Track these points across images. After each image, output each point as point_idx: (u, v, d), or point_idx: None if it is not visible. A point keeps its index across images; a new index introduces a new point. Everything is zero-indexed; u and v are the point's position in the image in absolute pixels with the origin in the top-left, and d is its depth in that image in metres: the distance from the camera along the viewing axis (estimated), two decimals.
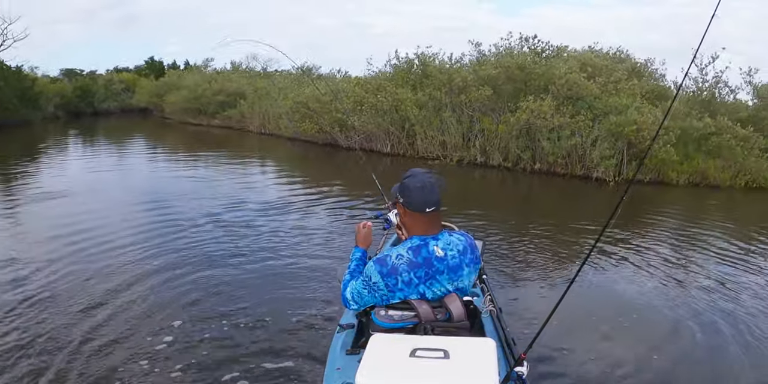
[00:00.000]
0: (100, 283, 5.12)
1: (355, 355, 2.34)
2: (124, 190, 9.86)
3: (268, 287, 5.21)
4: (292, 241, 6.88)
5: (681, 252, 7.18)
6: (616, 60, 15.93)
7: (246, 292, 5.02)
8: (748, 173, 13.38)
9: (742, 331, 4.61)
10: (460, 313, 2.26)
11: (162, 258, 5.93)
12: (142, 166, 13.35)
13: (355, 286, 2.37)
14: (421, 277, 2.25)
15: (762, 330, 4.62)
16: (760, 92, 14.52)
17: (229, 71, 28.78)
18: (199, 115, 25.07)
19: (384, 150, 16.23)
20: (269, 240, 6.85)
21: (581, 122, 12.85)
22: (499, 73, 13.94)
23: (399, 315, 2.26)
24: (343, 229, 7.61)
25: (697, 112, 13.91)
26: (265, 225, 7.59)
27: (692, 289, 5.64)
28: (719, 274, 6.21)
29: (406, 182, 2.30)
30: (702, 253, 7.11)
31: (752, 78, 14.66)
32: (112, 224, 7.32)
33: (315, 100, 17.09)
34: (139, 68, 39.92)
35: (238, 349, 3.89)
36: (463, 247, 2.33)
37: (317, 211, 8.63)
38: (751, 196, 12.92)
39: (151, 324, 4.25)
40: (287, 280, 5.44)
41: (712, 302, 5.23)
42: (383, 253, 2.33)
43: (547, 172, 13.61)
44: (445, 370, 1.86)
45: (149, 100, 30.77)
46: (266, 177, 12.32)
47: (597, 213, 9.90)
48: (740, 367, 3.93)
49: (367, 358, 1.94)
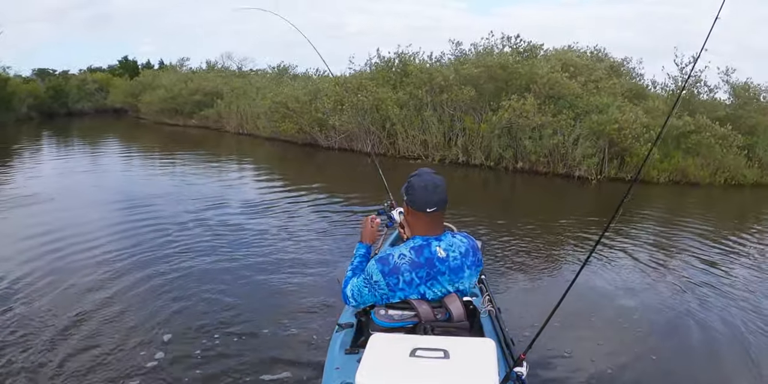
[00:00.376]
0: (79, 293, 4.80)
1: (354, 355, 2.33)
2: (99, 193, 9.51)
3: (258, 291, 5.01)
4: (278, 242, 6.66)
5: (672, 251, 7.15)
6: (594, 59, 15.92)
7: (235, 298, 4.81)
8: (726, 171, 13.48)
9: (739, 328, 4.58)
10: (459, 313, 2.25)
11: (144, 264, 5.62)
12: (118, 167, 12.93)
13: (356, 283, 2.36)
14: (422, 277, 2.24)
15: (758, 326, 4.62)
16: (737, 91, 14.60)
17: (204, 70, 28.26)
18: (176, 115, 24.58)
19: (365, 149, 16.01)
20: (255, 242, 6.61)
21: (563, 121, 12.79)
22: (481, 72, 13.80)
23: (399, 314, 2.26)
24: (328, 229, 7.43)
25: (677, 111, 13.96)
26: (250, 226, 7.34)
27: (687, 287, 5.59)
28: (710, 271, 6.22)
29: (412, 181, 2.30)
30: (691, 252, 7.09)
31: (729, 77, 14.77)
32: (90, 229, 6.98)
33: (294, 99, 16.81)
34: (113, 68, 39.08)
35: (234, 359, 3.70)
36: (466, 249, 2.32)
37: (301, 212, 8.40)
38: (730, 193, 13.01)
39: (138, 338, 3.97)
40: (276, 282, 5.25)
41: (707, 300, 5.21)
42: (385, 252, 2.31)
43: (529, 170, 13.53)
44: (444, 370, 1.85)
45: (124, 101, 30.05)
46: (247, 178, 12.02)
47: (585, 211, 9.96)
48: (740, 365, 3.88)
49: (366, 358, 1.93)
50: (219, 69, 28.28)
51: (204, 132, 22.03)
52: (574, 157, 12.92)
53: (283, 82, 20.50)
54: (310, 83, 18.46)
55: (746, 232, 8.62)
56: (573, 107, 13.20)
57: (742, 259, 6.94)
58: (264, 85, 21.03)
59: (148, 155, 15.31)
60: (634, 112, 12.67)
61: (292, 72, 25.33)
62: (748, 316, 4.87)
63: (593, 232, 7.80)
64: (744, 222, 9.79)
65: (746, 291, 5.59)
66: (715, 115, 13.95)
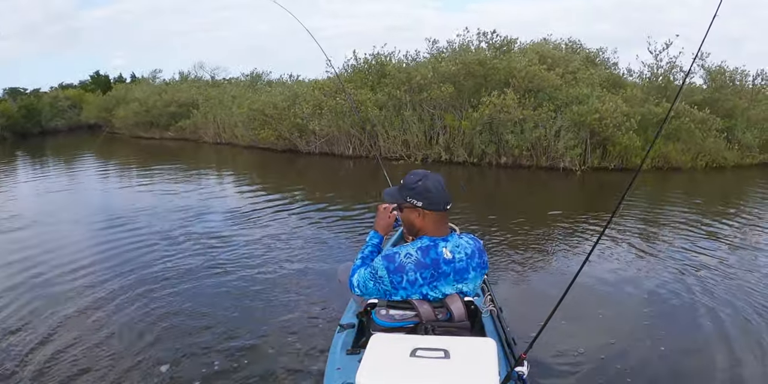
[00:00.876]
0: (65, 319, 4.43)
1: (355, 355, 2.32)
2: (79, 212, 9.09)
3: (249, 301, 4.78)
4: (265, 251, 6.38)
5: (666, 238, 7.05)
6: (570, 51, 15.85)
7: (226, 310, 4.56)
8: (707, 154, 13.52)
9: (746, 310, 4.49)
10: (460, 313, 2.24)
11: (129, 283, 5.26)
12: (96, 184, 12.49)
13: (363, 274, 2.36)
14: (426, 278, 2.23)
15: (762, 304, 4.62)
16: (713, 75, 14.63)
17: (178, 81, 27.77)
18: (151, 128, 24.08)
19: (346, 153, 15.79)
20: (241, 252, 6.32)
21: (544, 114, 12.69)
22: (459, 69, 13.65)
23: (400, 314, 2.25)
24: (315, 234, 7.18)
25: (654, 97, 13.95)
26: (235, 237, 7.04)
27: (688, 273, 5.49)
28: (707, 254, 6.19)
29: (422, 184, 2.28)
30: (685, 237, 7.03)
31: (705, 62, 14.79)
32: (73, 250, 6.58)
33: (272, 106, 16.52)
34: (85, 83, 38.36)
35: (237, 373, 3.49)
36: (472, 251, 2.32)
37: (286, 219, 8.11)
38: (712, 176, 13.04)
39: (129, 363, 3.66)
40: (266, 291, 5.03)
41: (710, 285, 5.13)
42: (392, 250, 2.29)
43: (512, 165, 13.42)
44: (445, 370, 1.84)
45: (98, 116, 29.34)
46: (228, 188, 11.70)
47: (574, 203, 9.97)
48: (750, 350, 3.76)
49: (367, 358, 1.92)
50: (192, 79, 27.83)
51: (181, 144, 21.60)
52: (556, 149, 12.83)
53: (259, 89, 20.18)
54: (287, 89, 18.14)
55: (733, 213, 8.66)
56: (553, 99, 13.12)
57: (734, 239, 6.95)
58: (239, 94, 20.70)
59: (126, 170, 14.90)
60: (614, 101, 12.60)
61: (266, 78, 25.03)
62: (752, 296, 4.83)
63: (588, 224, 7.72)
64: (729, 203, 9.82)
65: (745, 270, 5.58)
66: (692, 99, 13.96)
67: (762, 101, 14.73)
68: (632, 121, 12.67)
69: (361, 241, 6.74)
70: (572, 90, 13.09)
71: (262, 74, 25.35)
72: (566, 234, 7.23)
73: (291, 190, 10.66)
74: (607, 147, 13.00)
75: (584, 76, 13.77)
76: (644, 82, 14.97)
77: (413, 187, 2.30)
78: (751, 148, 14.02)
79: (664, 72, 14.46)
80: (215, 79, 28.33)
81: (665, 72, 14.45)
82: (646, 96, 13.99)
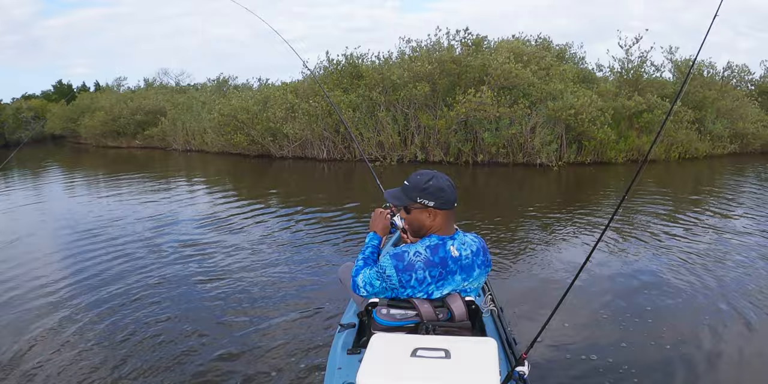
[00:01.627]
0: (33, 338, 3.97)
1: (356, 355, 2.29)
2: (48, 226, 8.56)
3: (243, 306, 4.49)
4: (245, 257, 6.00)
5: (658, 230, 6.86)
6: (540, 47, 15.73)
7: (219, 317, 4.27)
8: (680, 146, 13.54)
9: (744, 301, 4.39)
10: (461, 312, 2.21)
11: (104, 297, 4.79)
12: (63, 197, 11.85)
13: (369, 274, 2.31)
14: (434, 276, 2.21)
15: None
16: (681, 68, 14.66)
17: (143, 89, 27.06)
18: (119, 137, 23.39)
19: (320, 156, 15.43)
20: (219, 259, 5.91)
21: (519, 111, 12.51)
22: (434, 68, 13.40)
23: (401, 314, 2.22)
24: (293, 238, 6.82)
25: (626, 91, 13.92)
26: (210, 243, 6.60)
27: (686, 266, 5.38)
28: (699, 243, 6.18)
29: (433, 184, 2.24)
30: (674, 228, 6.95)
31: (673, 56, 14.82)
32: (42, 264, 6.05)
33: (244, 110, 16.07)
34: (48, 93, 37.24)
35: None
36: (477, 248, 2.31)
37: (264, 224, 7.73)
38: (686, 167, 13.05)
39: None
40: (258, 295, 4.74)
41: (708, 277, 5.03)
42: (400, 249, 2.25)
43: (489, 163, 13.24)
44: (446, 370, 1.80)
45: (63, 126, 28.43)
46: (199, 195, 11.21)
47: (560, 200, 9.72)
48: (751, 359, 3.57)
49: (368, 358, 1.88)
50: (158, 86, 27.14)
51: (150, 152, 20.95)
52: (533, 145, 12.67)
53: (228, 94, 19.68)
54: (258, 93, 17.70)
55: (710, 202, 8.73)
56: (528, 96, 12.96)
57: (719, 227, 6.98)
58: (208, 99, 20.17)
59: (93, 181, 14.28)
60: (589, 95, 12.49)
61: (233, 83, 24.52)
62: (750, 282, 4.83)
63: (579, 219, 7.60)
64: (702, 192, 9.90)
65: (740, 255, 5.63)
66: (663, 92, 13.97)
67: (730, 92, 14.82)
68: (606, 116, 12.60)
69: (344, 243, 6.54)
70: (546, 86, 12.94)
71: (228, 79, 24.84)
72: (561, 231, 7.04)
73: (266, 195, 10.28)
74: (582, 142, 12.90)
75: (557, 72, 13.65)
76: (616, 76, 14.93)
77: (424, 187, 2.25)
78: (722, 138, 14.09)
79: (635, 66, 14.42)
80: (181, 85, 27.67)
81: (636, 66, 14.40)
82: (618, 90, 13.94)
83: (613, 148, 12.95)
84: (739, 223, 7.17)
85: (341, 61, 15.65)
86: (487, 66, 13.09)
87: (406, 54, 15.07)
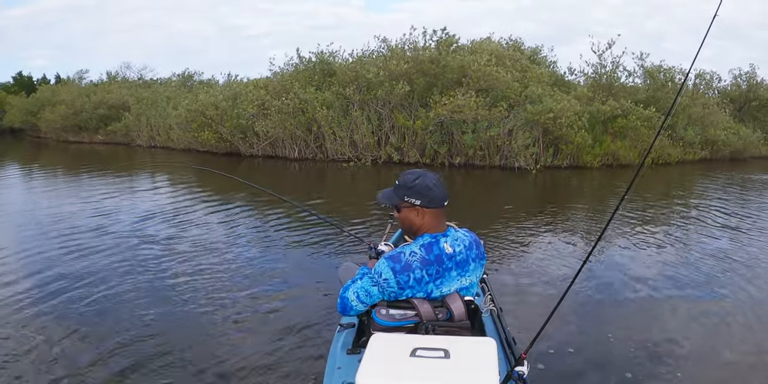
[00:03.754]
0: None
1: (355, 355, 2.24)
2: (3, 225, 7.77)
3: (228, 305, 4.23)
4: (227, 256, 5.56)
5: (646, 233, 6.75)
6: (512, 49, 15.28)
7: (210, 317, 4.04)
8: (653, 151, 13.25)
9: (747, 314, 4.20)
10: (461, 312, 2.16)
11: (70, 299, 4.34)
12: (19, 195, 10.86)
13: (360, 285, 2.23)
14: (432, 274, 2.16)
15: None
16: (652, 74, 14.42)
17: (106, 82, 25.66)
18: (80, 132, 22.06)
19: (291, 155, 14.63)
20: (188, 258, 5.42)
21: (498, 113, 12.00)
22: (410, 68, 12.77)
23: (400, 314, 2.16)
24: (271, 238, 6.25)
25: (600, 96, 13.58)
26: (175, 244, 6.00)
27: (684, 265, 5.39)
28: (694, 245, 6.19)
29: (420, 182, 2.19)
30: (665, 231, 6.91)
31: (644, 62, 14.57)
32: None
33: (213, 106, 15.15)
34: (6, 85, 35.25)
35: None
36: (470, 242, 2.27)
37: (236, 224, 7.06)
38: (659, 172, 12.80)
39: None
40: (253, 299, 4.41)
41: (708, 279, 4.98)
42: (395, 251, 2.19)
43: (465, 165, 12.69)
44: (445, 370, 1.74)
45: (22, 119, 26.80)
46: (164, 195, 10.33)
47: (540, 202, 9.52)
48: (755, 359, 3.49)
49: (367, 358, 1.82)
50: (121, 80, 25.80)
51: (113, 148, 19.70)
52: (511, 148, 12.19)
53: (194, 90, 18.68)
54: (227, 88, 16.77)
55: (693, 204, 8.72)
56: (506, 99, 12.47)
57: (706, 229, 7.01)
58: (174, 94, 19.13)
59: (52, 177, 13.19)
60: (568, 100, 12.07)
61: (198, 79, 23.46)
62: (751, 283, 4.81)
63: (555, 219, 7.43)
64: (674, 196, 9.84)
65: (741, 256, 5.59)
66: (636, 98, 13.69)
67: (700, 99, 14.65)
68: (583, 120, 12.22)
69: (320, 238, 6.01)
70: (526, 90, 12.48)
71: (194, 74, 23.77)
72: (575, 236, 6.79)
73: (234, 194, 9.52)
74: (559, 146, 12.48)
75: (534, 75, 13.20)
76: (589, 80, 14.58)
77: (411, 186, 2.18)
78: (693, 144, 13.88)
79: (608, 71, 14.09)
80: (144, 80, 26.36)
81: (609, 71, 14.07)
82: (593, 95, 13.58)
83: (588, 152, 12.57)
84: (728, 225, 7.25)
85: (312, 58, 14.91)
86: (466, 67, 12.52)
87: (381, 53, 14.42)
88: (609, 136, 13.05)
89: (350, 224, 6.80)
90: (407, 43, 13.98)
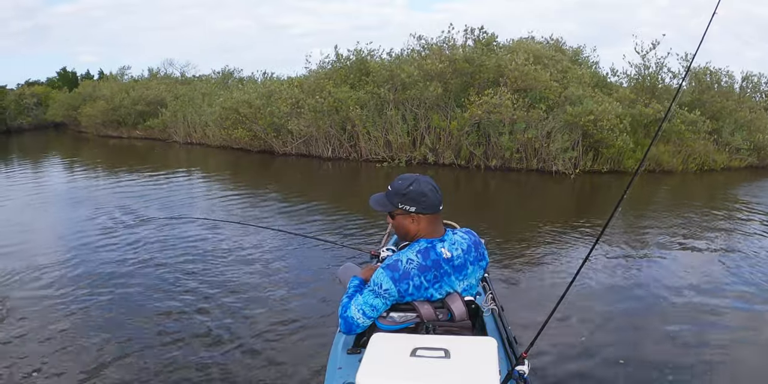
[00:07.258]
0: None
1: (356, 355, 2.20)
2: (46, 218, 7.88)
3: (245, 304, 4.34)
4: (248, 254, 5.69)
5: (664, 238, 6.61)
6: (554, 49, 14.65)
7: (224, 314, 4.14)
8: (697, 157, 12.56)
9: (751, 318, 4.24)
10: (461, 312, 2.12)
11: (103, 294, 4.58)
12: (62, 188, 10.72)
13: (362, 300, 2.13)
14: (430, 280, 2.10)
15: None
16: (699, 76, 13.65)
17: (147, 79, 25.69)
18: (119, 127, 22.11)
19: (324, 154, 14.29)
20: (218, 256, 5.60)
21: (536, 114, 11.46)
22: (446, 67, 12.29)
23: (401, 316, 2.13)
24: (295, 235, 6.15)
25: (644, 98, 12.90)
26: (211, 245, 6.09)
27: (686, 272, 5.31)
28: (709, 254, 6.01)
29: (414, 189, 2.11)
30: (682, 237, 6.72)
31: (689, 63, 13.77)
32: (37, 261, 5.50)
33: (247, 104, 14.90)
34: (52, 80, 35.70)
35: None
36: (468, 245, 2.20)
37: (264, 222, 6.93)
38: (705, 179, 12.11)
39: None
40: (259, 293, 4.61)
41: (712, 284, 4.95)
42: (391, 259, 2.13)
43: (502, 167, 12.16)
44: (445, 370, 1.72)
45: (64, 114, 26.95)
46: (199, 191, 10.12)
47: (573, 207, 9.40)
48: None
49: (367, 358, 1.81)
50: (162, 76, 25.81)
51: (150, 143, 19.67)
52: (549, 151, 11.63)
53: (231, 87, 18.48)
54: (261, 86, 16.51)
55: (725, 214, 8.31)
56: (545, 100, 11.91)
57: (731, 239, 6.75)
58: (210, 91, 18.97)
59: (92, 172, 13.11)
60: (609, 102, 11.45)
61: (238, 76, 23.28)
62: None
63: (589, 226, 7.14)
64: (720, 204, 9.29)
65: (740, 273, 5.33)
66: (680, 101, 12.95)
67: (747, 102, 13.84)
68: (625, 123, 11.59)
69: (320, 246, 5.89)
70: (565, 91, 11.90)
71: (233, 71, 23.59)
72: (566, 237, 6.68)
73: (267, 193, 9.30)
74: (599, 150, 11.87)
75: (574, 76, 12.59)
76: (632, 82, 13.88)
77: (405, 192, 2.13)
78: (739, 150, 13.10)
79: (652, 73, 13.38)
80: (185, 77, 26.34)
81: (653, 72, 13.37)
82: (636, 97, 12.91)
83: (630, 157, 11.93)
84: (750, 235, 6.94)
85: (350, 56, 14.52)
86: (503, 67, 11.99)
87: (416, 51, 13.95)
88: (651, 140, 12.39)
89: (377, 227, 6.58)
90: (446, 41, 13.49)
